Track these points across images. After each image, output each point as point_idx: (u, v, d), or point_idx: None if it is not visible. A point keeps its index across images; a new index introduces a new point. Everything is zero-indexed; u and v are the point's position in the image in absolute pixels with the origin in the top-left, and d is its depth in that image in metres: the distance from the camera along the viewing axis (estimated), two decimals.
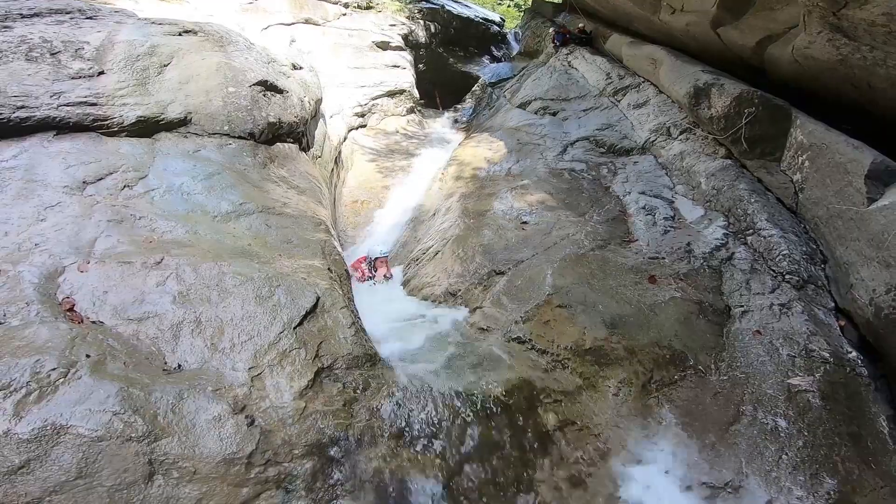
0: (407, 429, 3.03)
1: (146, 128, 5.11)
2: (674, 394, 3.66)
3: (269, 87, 6.39)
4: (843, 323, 4.07)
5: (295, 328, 3.22)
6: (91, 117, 4.77)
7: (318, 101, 8.03)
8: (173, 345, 2.97)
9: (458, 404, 3.18)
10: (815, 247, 4.71)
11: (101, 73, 5.28)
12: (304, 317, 3.31)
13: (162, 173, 4.53)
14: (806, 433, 3.31)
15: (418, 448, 2.95)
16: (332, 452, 2.82)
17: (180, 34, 6.31)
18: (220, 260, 3.52)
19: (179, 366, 2.91)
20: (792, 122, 5.34)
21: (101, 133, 4.80)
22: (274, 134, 5.97)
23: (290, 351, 3.11)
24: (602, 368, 3.69)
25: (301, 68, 8.09)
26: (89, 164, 4.30)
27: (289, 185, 5.29)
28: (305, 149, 6.55)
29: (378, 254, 5.85)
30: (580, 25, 11.26)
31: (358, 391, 3.18)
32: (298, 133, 6.42)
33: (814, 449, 3.24)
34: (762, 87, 5.86)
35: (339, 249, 4.50)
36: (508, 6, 22.69)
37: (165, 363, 2.90)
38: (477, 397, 3.25)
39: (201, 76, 5.78)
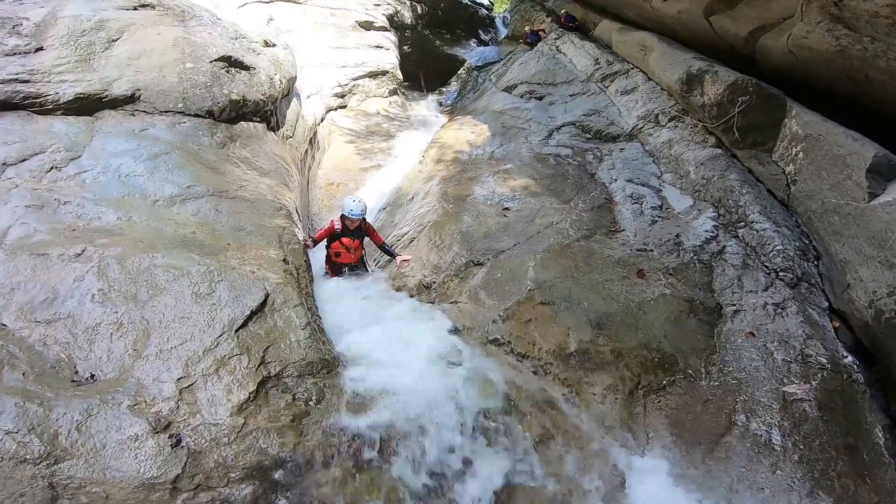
0: (367, 448, 2.58)
1: (87, 105, 4.61)
2: (662, 401, 3.28)
3: (233, 63, 5.80)
4: (837, 324, 3.73)
5: (237, 330, 2.74)
6: (21, 94, 4.26)
7: (292, 80, 7.39)
8: (87, 351, 2.47)
9: (427, 419, 2.74)
10: (807, 242, 4.35)
11: (40, 49, 4.82)
12: (249, 317, 2.83)
13: (99, 153, 3.94)
14: (802, 446, 2.98)
15: (380, 471, 2.51)
16: (276, 476, 2.38)
17: (136, 8, 5.81)
18: (153, 251, 2.99)
19: (93, 376, 2.41)
20: (787, 112, 4.95)
21: (34, 111, 4.27)
22: (237, 112, 5.38)
23: (229, 358, 2.63)
24: (587, 374, 3.28)
25: (274, 45, 7.43)
26: (12, 144, 3.73)
27: (251, 166, 4.72)
28: (274, 128, 5.95)
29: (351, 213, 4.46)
30: (563, 11, 10.75)
31: (310, 403, 2.73)
32: (266, 112, 5.82)
33: (810, 464, 2.92)
34: (752, 77, 5.47)
35: (301, 237, 3.97)
36: None
37: (76, 373, 2.41)
38: (449, 410, 2.81)
39: (155, 51, 5.30)
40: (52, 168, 3.60)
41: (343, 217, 4.56)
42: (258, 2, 11.44)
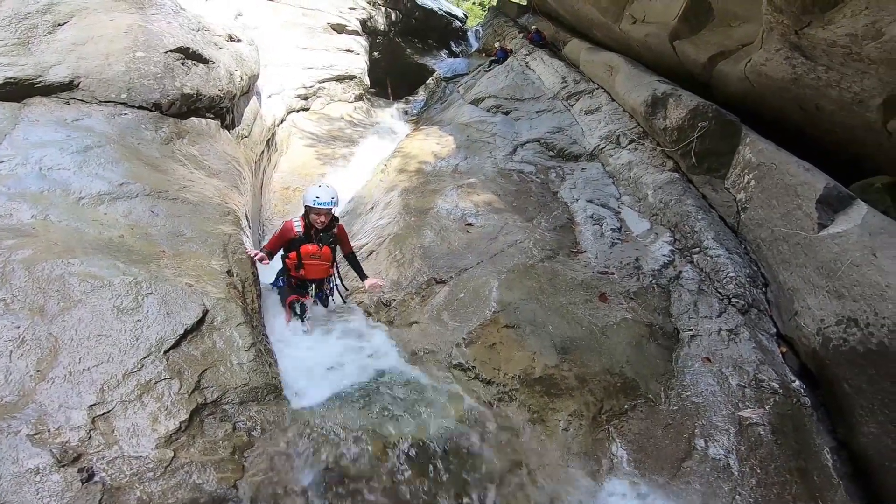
0: (319, 483, 2.30)
1: (16, 91, 4.15)
2: (625, 426, 3.17)
3: (191, 55, 5.37)
4: (784, 349, 3.80)
5: (166, 352, 2.38)
6: None
7: (254, 77, 6.95)
8: None
9: (388, 450, 2.48)
10: (756, 269, 4.44)
11: None
12: (183, 336, 2.47)
13: (20, 143, 3.43)
14: (759, 471, 2.96)
15: None
16: None
17: None
18: (69, 256, 2.57)
19: None
20: (741, 139, 5.07)
21: None
22: (189, 107, 4.93)
23: (155, 382, 2.28)
24: (552, 400, 3.13)
25: (239, 41, 6.99)
26: None
27: (198, 165, 4.28)
28: (229, 127, 5.51)
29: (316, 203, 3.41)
30: (533, 28, 10.91)
31: (254, 433, 2.42)
32: (222, 108, 5.38)
33: (767, 488, 2.90)
34: (712, 103, 5.60)
35: (249, 246, 3.61)
36: (473, 3, 22.11)
37: None
38: (409, 441, 2.56)
39: (104, 38, 4.88)
40: None
41: (306, 212, 3.49)
42: None
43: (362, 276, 3.88)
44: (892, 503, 2.78)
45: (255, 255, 3.51)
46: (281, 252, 3.69)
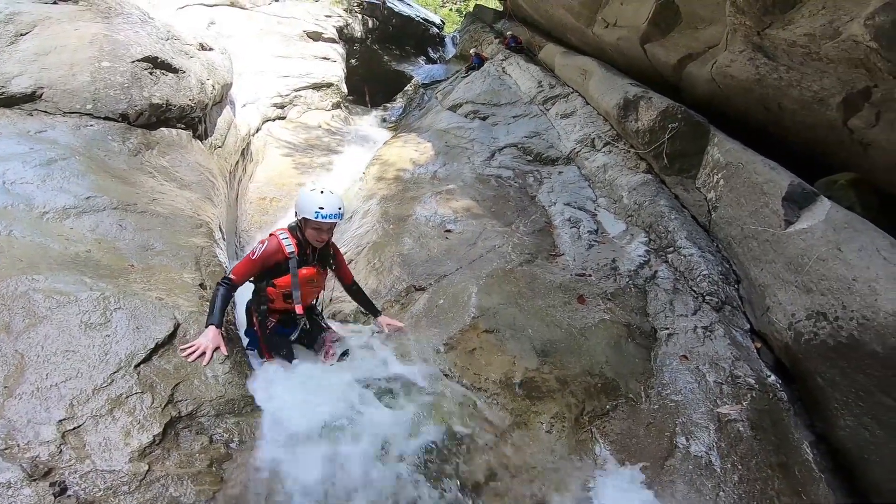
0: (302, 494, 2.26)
1: None
2: (607, 426, 3.16)
3: (159, 64, 5.25)
4: (758, 345, 3.84)
5: (137, 366, 2.33)
6: None
7: (227, 86, 6.83)
8: None
9: (370, 458, 2.43)
10: (728, 266, 4.51)
11: None
12: (154, 350, 2.41)
13: None
14: (740, 467, 2.97)
15: None
16: None
17: (55, 2, 5.36)
18: (34, 272, 2.48)
19: None
20: (709, 139, 5.18)
21: None
22: (158, 117, 4.80)
23: (127, 397, 2.22)
24: (534, 403, 3.10)
25: (211, 49, 6.87)
26: None
27: (169, 177, 4.16)
28: (202, 137, 5.38)
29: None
30: (508, 33, 11.01)
31: (232, 445, 2.36)
32: (193, 119, 5.25)
33: (749, 484, 2.90)
34: (681, 104, 5.71)
35: (223, 259, 3.51)
36: (450, 10, 22.22)
37: None
38: (388, 448, 2.51)
39: (68, 48, 4.77)
40: None
41: (300, 227, 2.75)
42: (200, 4, 10.77)
43: (375, 313, 3.27)
44: (874, 497, 2.79)
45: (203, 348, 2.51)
46: (251, 279, 2.80)
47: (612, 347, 3.54)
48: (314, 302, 3.12)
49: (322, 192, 2.71)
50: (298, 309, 2.81)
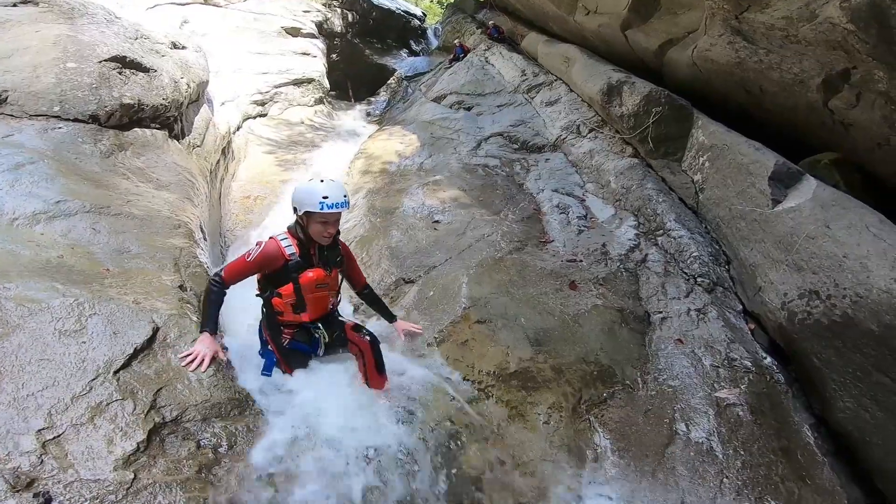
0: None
1: None
2: (605, 415, 3.10)
3: (128, 64, 5.02)
4: (752, 326, 3.80)
5: (116, 372, 2.20)
6: None
7: (203, 84, 6.58)
8: None
9: (365, 459, 2.34)
10: (717, 247, 4.47)
11: None
12: (133, 356, 2.29)
13: None
14: (742, 452, 2.90)
15: None
16: None
17: (15, 5, 5.16)
18: (4, 280, 2.35)
19: None
20: (693, 122, 5.14)
21: None
22: (131, 118, 4.59)
23: (107, 403, 2.10)
24: (530, 393, 3.02)
25: (184, 48, 6.61)
26: None
27: (144, 178, 3.97)
28: (178, 136, 5.17)
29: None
30: (491, 23, 10.87)
31: (221, 450, 2.25)
32: (168, 118, 5.04)
33: (753, 469, 2.83)
34: (664, 89, 5.65)
35: (204, 259, 3.36)
36: (431, 2, 21.89)
37: None
38: (386, 448, 2.42)
39: (31, 50, 4.55)
40: None
41: (302, 223, 2.52)
42: (172, 3, 10.42)
43: (391, 318, 3.09)
44: (878, 480, 2.73)
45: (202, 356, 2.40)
46: (257, 292, 2.63)
47: (607, 333, 3.47)
48: (332, 308, 2.74)
49: (323, 180, 2.48)
50: (305, 317, 2.57)
